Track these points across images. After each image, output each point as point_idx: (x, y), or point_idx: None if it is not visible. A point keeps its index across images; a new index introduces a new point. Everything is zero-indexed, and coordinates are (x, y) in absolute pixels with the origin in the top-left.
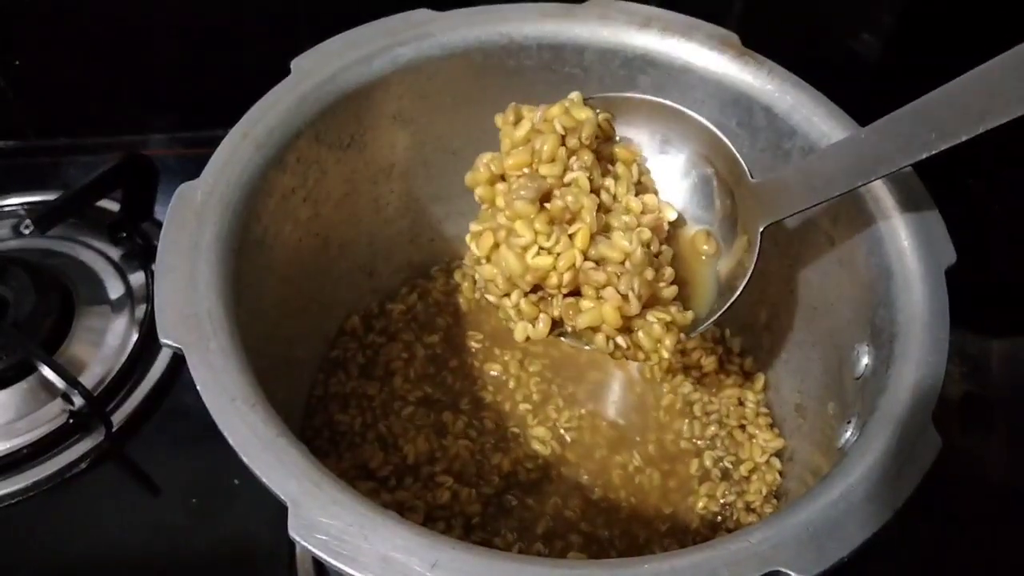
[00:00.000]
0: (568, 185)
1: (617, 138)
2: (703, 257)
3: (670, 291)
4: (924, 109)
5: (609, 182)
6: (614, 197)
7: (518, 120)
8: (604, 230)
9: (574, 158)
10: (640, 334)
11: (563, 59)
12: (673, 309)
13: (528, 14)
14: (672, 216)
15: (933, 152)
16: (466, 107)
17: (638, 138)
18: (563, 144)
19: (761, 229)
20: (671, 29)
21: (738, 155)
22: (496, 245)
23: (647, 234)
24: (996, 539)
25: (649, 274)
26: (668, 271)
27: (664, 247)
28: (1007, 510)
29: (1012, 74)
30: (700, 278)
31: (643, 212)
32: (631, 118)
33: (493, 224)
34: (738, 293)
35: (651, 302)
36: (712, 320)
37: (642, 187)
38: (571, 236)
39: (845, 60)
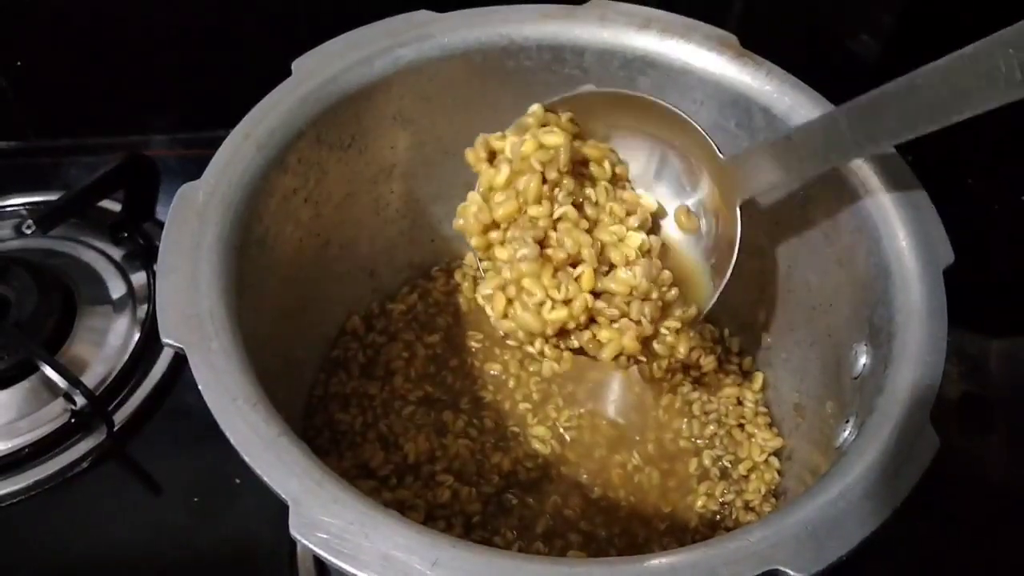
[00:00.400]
0: (559, 220)
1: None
2: (687, 235)
3: (673, 294)
4: (891, 97)
5: (589, 191)
6: (596, 203)
7: (490, 155)
8: (601, 253)
9: (557, 189)
10: (655, 345)
11: (563, 60)
12: (678, 312)
13: (528, 15)
14: (653, 206)
15: (901, 140)
16: (466, 108)
17: (603, 131)
18: (544, 180)
19: (739, 204)
20: (670, 30)
21: (706, 134)
22: (509, 302)
23: (636, 239)
24: (995, 539)
25: (655, 293)
26: (666, 274)
27: (652, 237)
28: (1006, 510)
29: (973, 70)
30: (691, 265)
31: (627, 213)
32: (593, 113)
33: (500, 281)
34: (729, 271)
35: (661, 313)
36: (711, 303)
37: (617, 178)
38: (577, 279)
39: (844, 61)
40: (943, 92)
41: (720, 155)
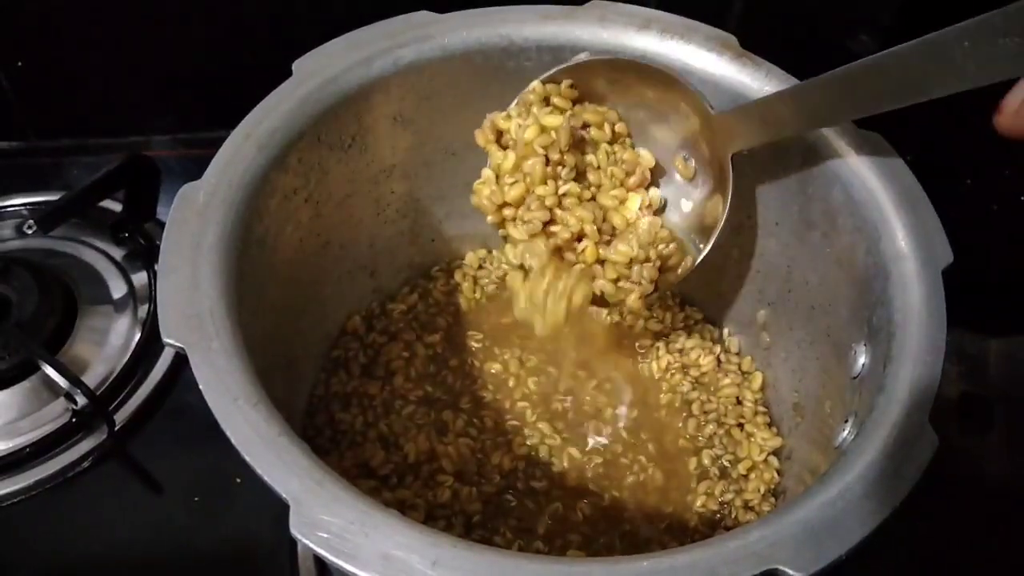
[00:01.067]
0: (564, 196)
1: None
2: (684, 181)
3: (671, 249)
4: (861, 74)
5: (591, 157)
6: (598, 167)
7: (498, 136)
8: (603, 220)
9: (560, 167)
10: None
11: (563, 61)
12: (674, 260)
13: (528, 16)
14: (651, 162)
15: (867, 114)
16: (466, 108)
17: (602, 89)
18: (547, 161)
19: (730, 155)
20: (670, 31)
21: (697, 91)
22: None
23: (635, 202)
24: (995, 539)
25: (652, 253)
26: (664, 232)
27: (652, 191)
28: (1005, 510)
29: (933, 58)
30: (687, 217)
31: (627, 174)
32: (592, 74)
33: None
34: (723, 220)
35: (660, 270)
36: (706, 251)
37: (617, 136)
38: (582, 251)
39: (843, 61)
40: (906, 75)
41: (711, 111)
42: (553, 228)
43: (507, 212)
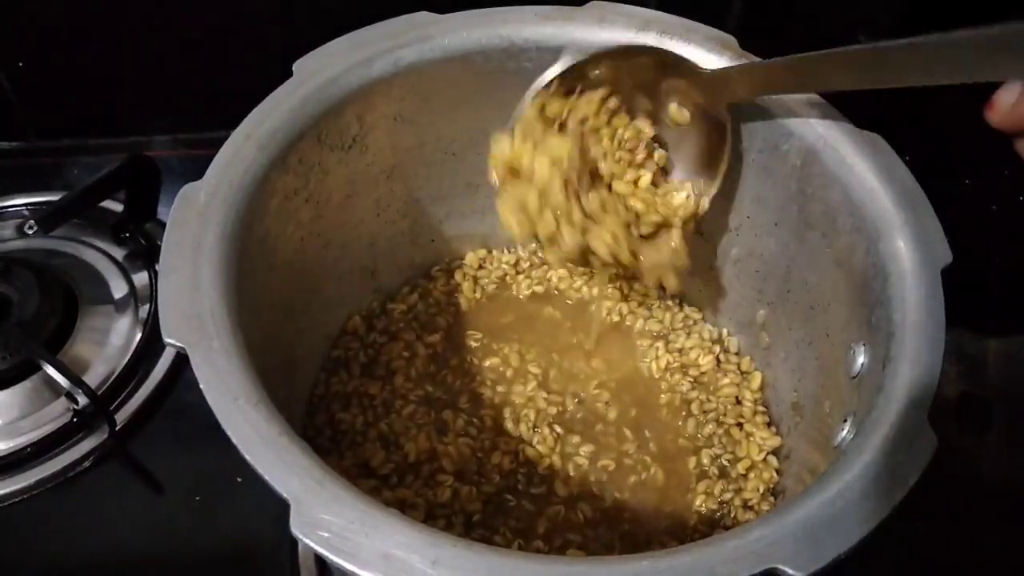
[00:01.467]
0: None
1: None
2: (682, 125)
3: (689, 205)
4: (870, 56)
5: (596, 148)
6: (605, 155)
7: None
8: (626, 210)
9: (580, 180)
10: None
11: None
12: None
13: (528, 17)
14: (651, 132)
15: (870, 88)
16: (466, 109)
17: (590, 72)
18: (566, 190)
19: (725, 105)
20: (669, 32)
21: (681, 54)
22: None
23: (647, 178)
24: (994, 539)
25: (677, 221)
26: (688, 202)
27: (658, 153)
28: (1004, 510)
29: (945, 57)
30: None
31: (632, 151)
32: (577, 68)
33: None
34: (725, 160)
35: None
36: (715, 190)
37: (613, 112)
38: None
39: None
40: (907, 66)
41: (701, 70)
42: (591, 243)
43: (539, 229)
